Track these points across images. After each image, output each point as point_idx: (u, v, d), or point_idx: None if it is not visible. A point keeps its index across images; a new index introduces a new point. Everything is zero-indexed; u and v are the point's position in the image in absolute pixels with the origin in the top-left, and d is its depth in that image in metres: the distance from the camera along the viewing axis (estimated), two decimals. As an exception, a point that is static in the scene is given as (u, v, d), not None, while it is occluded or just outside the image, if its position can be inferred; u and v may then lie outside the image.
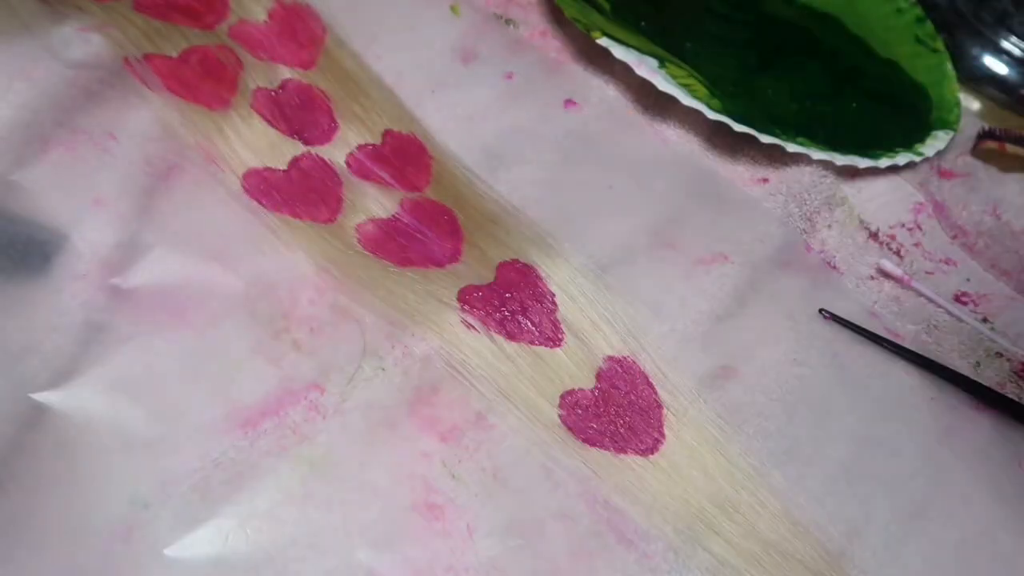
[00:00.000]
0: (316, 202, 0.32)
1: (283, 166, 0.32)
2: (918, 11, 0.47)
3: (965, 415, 0.31)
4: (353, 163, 0.33)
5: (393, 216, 0.32)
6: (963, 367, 0.33)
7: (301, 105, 0.34)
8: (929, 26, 0.47)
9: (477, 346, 0.28)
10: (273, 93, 0.34)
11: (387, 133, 0.35)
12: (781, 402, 0.30)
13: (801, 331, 0.32)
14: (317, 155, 0.33)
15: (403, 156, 0.34)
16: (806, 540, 0.26)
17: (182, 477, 0.23)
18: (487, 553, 0.24)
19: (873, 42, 0.46)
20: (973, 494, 0.29)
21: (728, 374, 0.30)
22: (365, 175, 0.33)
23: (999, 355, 0.34)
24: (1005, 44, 0.49)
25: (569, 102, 0.38)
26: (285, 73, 0.35)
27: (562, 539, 0.25)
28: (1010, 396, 0.32)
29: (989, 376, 0.33)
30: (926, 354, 0.32)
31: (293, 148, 0.33)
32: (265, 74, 0.35)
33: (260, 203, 0.30)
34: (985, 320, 0.35)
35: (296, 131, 0.34)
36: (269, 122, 0.34)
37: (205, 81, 0.33)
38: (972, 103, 0.48)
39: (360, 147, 0.34)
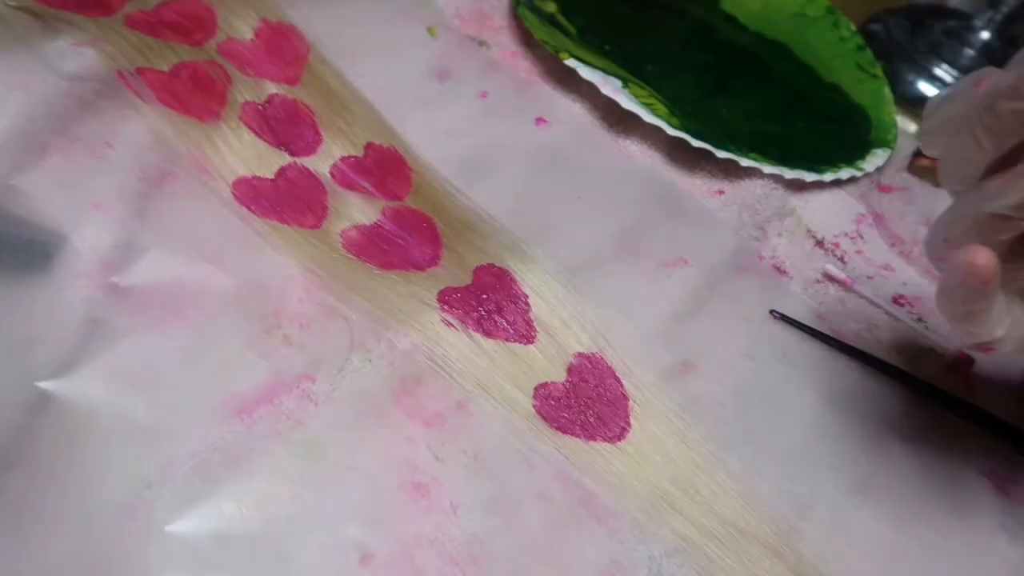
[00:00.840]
0: (302, 209, 0.33)
1: (271, 175, 0.34)
2: (859, 40, 0.51)
3: (902, 403, 0.34)
4: (337, 174, 0.35)
5: (375, 223, 0.34)
6: (900, 361, 0.36)
7: (287, 119, 0.36)
8: (869, 54, 0.51)
9: (456, 342, 0.30)
10: (260, 107, 0.36)
11: (369, 146, 0.36)
12: (736, 393, 0.32)
13: (754, 329, 0.35)
14: (303, 165, 0.35)
15: (384, 167, 0.36)
16: (760, 516, 0.29)
17: (183, 460, 0.24)
18: (470, 528, 0.25)
19: (819, 68, 0.50)
20: (909, 472, 0.32)
21: (688, 368, 0.32)
22: (348, 185, 0.35)
23: (932, 351, 0.37)
24: (937, 71, 0.53)
25: (540, 120, 0.40)
26: (271, 88, 0.37)
27: (538, 515, 0.26)
28: (941, 387, 0.35)
29: (923, 369, 0.36)
30: (867, 350, 0.35)
31: (280, 159, 0.35)
32: (252, 89, 0.37)
33: (249, 209, 0.32)
34: (920, 320, 0.38)
35: (282, 143, 0.35)
36: (257, 134, 0.35)
37: (196, 94, 0.35)
38: (909, 124, 0.51)
39: (343, 159, 0.36)
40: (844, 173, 0.42)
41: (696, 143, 0.39)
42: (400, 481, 0.26)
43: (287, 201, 0.33)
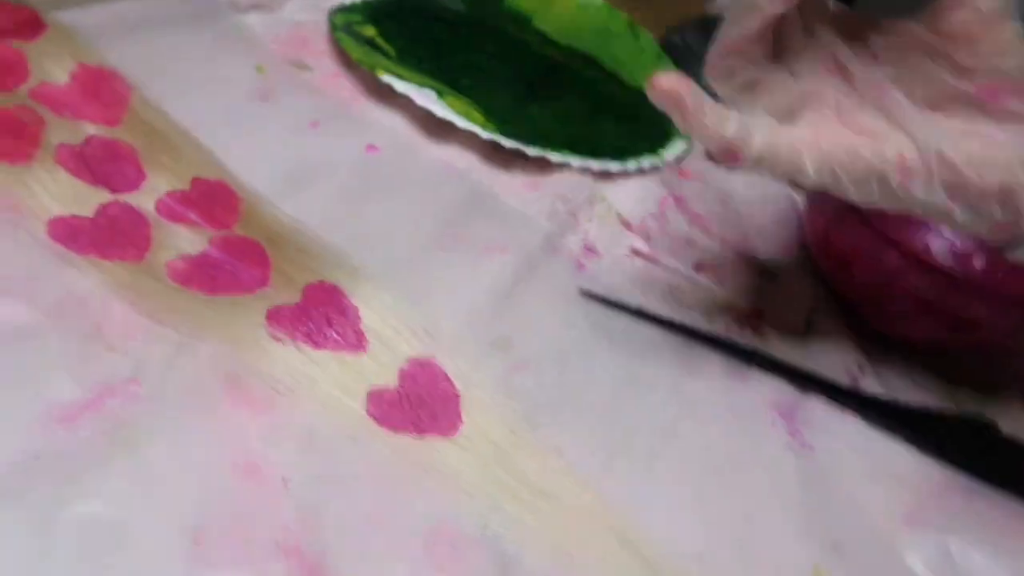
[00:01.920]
0: (124, 244, 0.33)
1: (90, 213, 0.34)
2: (657, 49, 0.57)
3: (700, 354, 0.39)
4: (162, 207, 0.36)
5: (202, 252, 0.34)
6: (699, 320, 0.40)
7: (106, 158, 0.37)
8: (668, 61, 0.57)
9: (284, 355, 0.31)
10: (77, 148, 0.36)
11: (195, 180, 0.37)
12: (554, 360, 0.36)
13: (570, 303, 0.38)
14: (125, 202, 0.35)
15: (211, 199, 0.37)
16: (576, 481, 0.31)
17: (2, 471, 0.25)
18: (302, 499, 0.27)
19: (624, 75, 0.55)
20: (711, 414, 0.36)
21: (510, 341, 0.36)
22: (174, 217, 0.35)
23: (728, 308, 0.42)
24: (728, 72, 0.60)
25: (369, 146, 0.42)
26: (90, 129, 0.37)
27: (369, 485, 0.28)
28: (735, 339, 0.40)
29: (718, 324, 0.41)
30: (671, 313, 0.40)
31: (99, 196, 0.35)
32: (69, 130, 0.37)
33: (65, 247, 0.32)
34: (718, 283, 0.43)
35: (102, 181, 0.35)
36: (73, 174, 0.35)
37: (4, 138, 0.35)
38: (711, 121, 0.57)
39: (169, 193, 0.36)
40: (646, 162, 0.47)
41: (508, 143, 0.43)
42: (232, 464, 0.27)
43: (107, 236, 0.33)
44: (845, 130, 0.29)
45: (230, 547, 0.25)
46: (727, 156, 0.29)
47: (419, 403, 0.32)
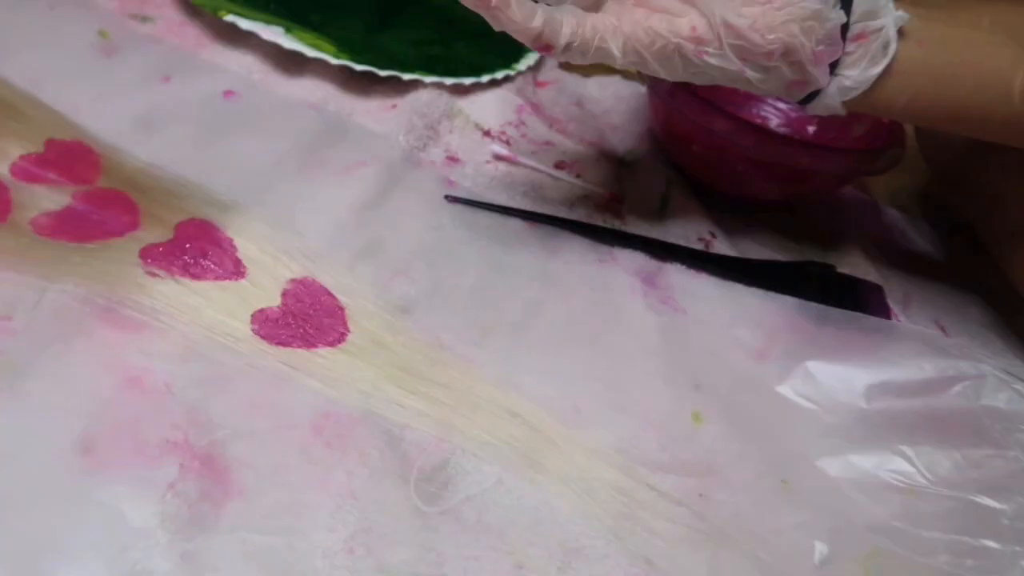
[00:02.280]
0: None
1: None
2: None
3: (564, 239, 0.41)
4: (17, 171, 0.36)
5: (65, 207, 0.35)
6: (561, 210, 0.43)
7: None
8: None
9: (163, 288, 0.32)
10: None
11: (49, 142, 0.37)
12: (423, 258, 0.38)
13: (435, 207, 0.41)
14: None
15: (69, 159, 0.37)
16: (461, 370, 0.33)
17: None
18: (186, 399, 0.29)
19: None
20: (576, 288, 0.39)
21: (379, 247, 0.38)
22: (32, 179, 0.36)
23: (588, 197, 0.45)
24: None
25: (227, 92, 0.43)
26: None
27: (254, 385, 0.30)
28: (595, 223, 0.43)
29: (580, 212, 0.44)
30: (534, 207, 0.43)
31: None
32: None
33: None
34: (578, 176, 0.46)
35: None
36: None
37: None
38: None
39: (22, 157, 0.36)
40: (500, 73, 0.50)
41: (358, 67, 0.44)
42: (115, 380, 0.29)
43: None
44: (643, 11, 0.32)
45: (120, 451, 0.27)
46: (540, 47, 0.31)
47: (304, 318, 0.34)
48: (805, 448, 0.35)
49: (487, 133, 0.47)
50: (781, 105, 0.51)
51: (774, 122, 0.51)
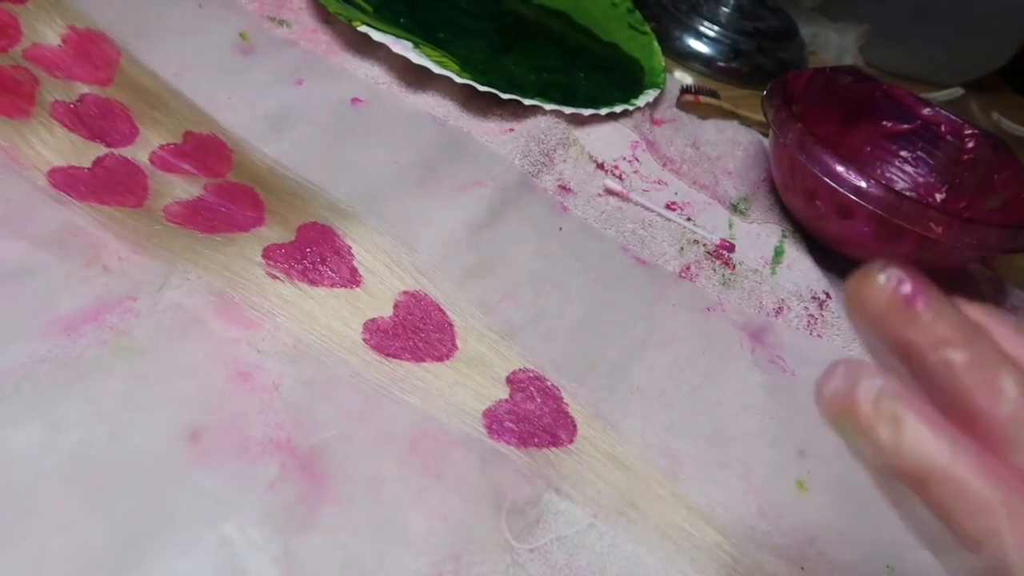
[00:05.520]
0: (123, 192, 0.35)
1: (87, 165, 0.35)
2: (629, 4, 0.59)
3: (672, 282, 0.40)
4: (156, 160, 0.37)
5: (197, 198, 0.36)
6: (672, 253, 0.42)
7: (100, 115, 0.38)
8: (638, 16, 0.59)
9: (282, 291, 0.32)
10: (72, 105, 0.38)
11: (187, 134, 0.39)
12: (531, 284, 0.37)
13: (544, 234, 0.40)
14: (120, 155, 0.36)
15: (204, 151, 0.38)
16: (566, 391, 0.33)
17: (11, 371, 0.26)
18: (292, 400, 0.29)
19: (596, 30, 0.57)
20: (678, 335, 0.38)
21: (489, 268, 0.37)
22: (168, 168, 0.37)
23: (696, 242, 0.44)
24: (699, 27, 0.62)
25: (355, 100, 0.44)
26: (83, 89, 0.38)
27: (358, 395, 0.30)
28: (704, 271, 0.42)
29: (689, 257, 0.42)
30: (642, 245, 0.42)
31: (96, 150, 0.36)
32: (62, 90, 0.38)
33: (67, 194, 0.33)
34: (689, 219, 0.45)
35: (98, 136, 0.37)
36: (69, 129, 0.37)
37: (2, 95, 0.37)
38: (685, 78, 0.59)
39: (162, 147, 0.38)
40: (618, 107, 0.49)
41: (482, 88, 0.44)
42: (226, 373, 0.29)
43: (106, 186, 0.35)
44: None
45: (226, 444, 0.27)
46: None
47: (414, 331, 0.34)
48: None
49: (600, 166, 0.46)
50: (908, 168, 0.49)
51: (899, 185, 0.49)
